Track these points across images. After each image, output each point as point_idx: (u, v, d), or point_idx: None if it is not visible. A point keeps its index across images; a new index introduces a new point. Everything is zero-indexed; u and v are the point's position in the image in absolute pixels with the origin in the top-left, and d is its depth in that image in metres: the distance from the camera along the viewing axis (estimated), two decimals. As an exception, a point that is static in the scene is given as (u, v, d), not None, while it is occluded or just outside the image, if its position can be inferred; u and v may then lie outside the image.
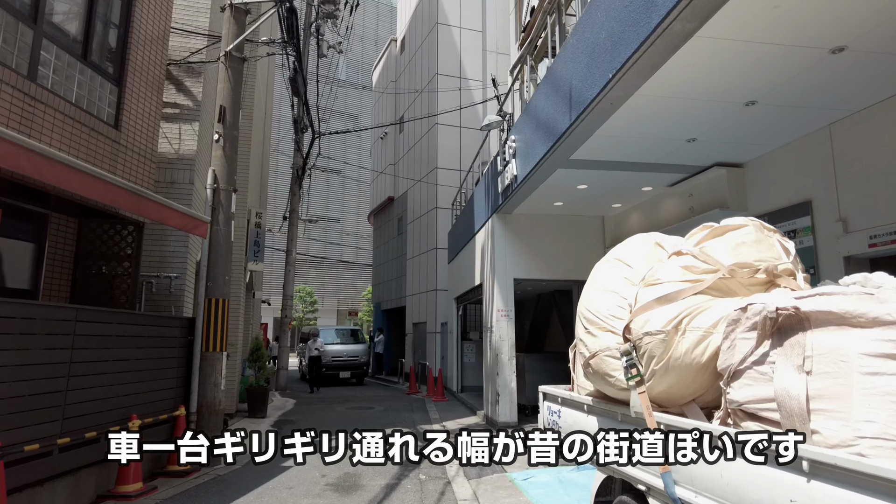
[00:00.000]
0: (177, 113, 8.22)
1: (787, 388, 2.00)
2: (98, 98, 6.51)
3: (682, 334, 2.74)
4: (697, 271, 3.01)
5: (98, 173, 4.91)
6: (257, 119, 12.99)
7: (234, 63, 7.51)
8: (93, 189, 4.70)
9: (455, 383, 15.00)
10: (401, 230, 21.83)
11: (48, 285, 6.46)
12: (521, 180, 7.81)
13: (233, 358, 10.84)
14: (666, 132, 5.88)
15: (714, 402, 2.74)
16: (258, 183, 14.29)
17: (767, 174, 6.44)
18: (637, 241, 3.63)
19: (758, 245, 3.11)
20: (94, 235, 7.08)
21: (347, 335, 21.29)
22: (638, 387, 2.86)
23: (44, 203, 6.38)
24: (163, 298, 7.61)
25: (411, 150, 20.95)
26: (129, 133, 6.95)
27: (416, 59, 21.00)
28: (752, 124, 5.61)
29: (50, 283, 6.51)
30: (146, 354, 6.08)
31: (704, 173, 7.10)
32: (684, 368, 2.72)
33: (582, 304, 3.42)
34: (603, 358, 3.09)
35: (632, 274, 3.36)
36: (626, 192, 8.35)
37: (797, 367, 2.02)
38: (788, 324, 2.12)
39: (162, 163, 7.96)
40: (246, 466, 6.71)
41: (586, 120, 5.52)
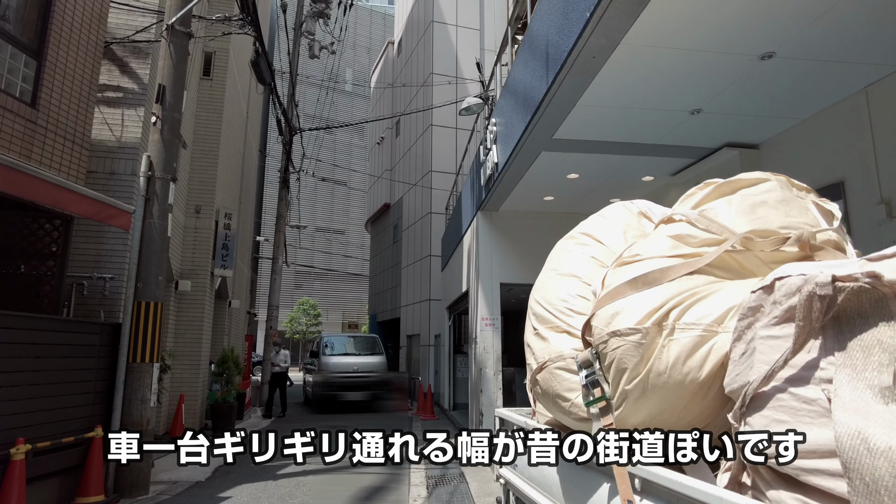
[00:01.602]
0: (119, 97, 7.37)
1: (865, 432, 1.00)
2: (8, 70, 5.67)
3: (670, 335, 1.74)
4: (695, 242, 2.02)
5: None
6: (232, 115, 12.19)
7: (176, 38, 6.65)
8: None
9: (447, 400, 13.93)
10: (396, 238, 20.91)
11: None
12: (502, 168, 6.85)
13: (195, 370, 9.91)
14: (664, 100, 4.90)
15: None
16: (235, 185, 13.46)
17: (788, 155, 5.42)
18: (614, 211, 2.65)
19: (785, 206, 2.12)
20: (14, 230, 6.21)
21: (362, 344, 15.97)
22: (603, 416, 1.86)
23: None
24: (96, 302, 6.70)
25: (407, 154, 20.10)
26: (51, 113, 6.09)
27: (413, 60, 20.23)
28: (769, 88, 4.61)
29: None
30: (48, 365, 5.14)
31: (713, 157, 6.09)
32: (672, 389, 1.73)
33: (532, 296, 2.43)
34: (553, 371, 2.09)
35: (603, 253, 2.37)
36: (624, 184, 7.33)
37: (882, 391, 1.03)
38: (857, 307, 1.14)
39: (100, 151, 7.09)
40: (175, 498, 5.73)
41: (566, 83, 4.55)
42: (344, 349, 15.30)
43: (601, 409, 1.87)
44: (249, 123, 15.98)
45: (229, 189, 12.34)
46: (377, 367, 14.58)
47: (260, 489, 5.97)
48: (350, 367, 14.21)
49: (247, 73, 13.97)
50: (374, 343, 15.89)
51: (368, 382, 14.02)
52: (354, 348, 15.53)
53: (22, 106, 5.76)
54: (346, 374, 13.96)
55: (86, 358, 5.67)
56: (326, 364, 14.20)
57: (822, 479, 1.08)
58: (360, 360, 14.67)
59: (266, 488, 6.00)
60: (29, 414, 4.87)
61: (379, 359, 14.90)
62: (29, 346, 4.98)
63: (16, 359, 4.83)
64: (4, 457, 4.49)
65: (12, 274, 6.21)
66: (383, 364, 14.85)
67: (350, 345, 15.74)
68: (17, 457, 4.52)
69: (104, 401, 5.85)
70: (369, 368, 14.39)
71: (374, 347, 15.56)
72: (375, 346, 15.67)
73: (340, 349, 15.26)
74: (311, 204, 50.62)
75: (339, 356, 14.71)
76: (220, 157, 10.83)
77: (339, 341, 15.95)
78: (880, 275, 1.08)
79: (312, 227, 49.88)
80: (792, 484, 1.16)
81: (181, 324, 9.80)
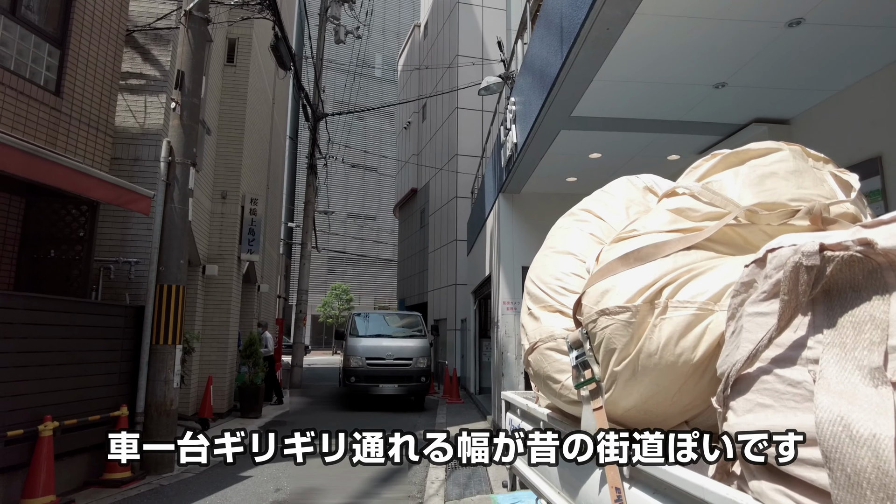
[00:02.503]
0: (142, 84, 7.47)
1: (848, 418, 0.90)
2: (32, 60, 5.79)
3: (662, 313, 1.64)
4: (696, 216, 1.90)
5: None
6: (257, 101, 12.27)
7: (194, 24, 6.69)
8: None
9: (473, 384, 13.94)
10: (423, 223, 20.88)
11: (-14, 270, 5.79)
12: (521, 148, 6.70)
13: (223, 353, 10.12)
14: (685, 74, 4.67)
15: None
16: (262, 170, 13.60)
17: (822, 129, 5.13)
18: (618, 186, 2.52)
19: (797, 177, 1.97)
20: (44, 216, 6.40)
21: (398, 323, 12.94)
22: (593, 399, 1.77)
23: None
24: (122, 286, 6.87)
25: (433, 139, 19.97)
26: (75, 102, 6.22)
27: (438, 43, 20.01)
28: (799, 58, 4.34)
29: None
30: (74, 346, 5.29)
31: (741, 133, 5.82)
32: (664, 371, 1.62)
33: (528, 275, 2.33)
34: (544, 352, 2.01)
35: (603, 229, 2.26)
36: (649, 164, 7.08)
37: (871, 372, 0.91)
38: (849, 279, 1.02)
39: (125, 138, 7.23)
40: (199, 476, 5.87)
41: (581, 57, 4.38)
42: (378, 329, 12.37)
43: (591, 392, 1.78)
44: (276, 109, 16.09)
45: (256, 174, 12.48)
46: (418, 353, 11.49)
47: (280, 469, 6.07)
48: (384, 352, 11.22)
49: (271, 58, 14.04)
50: (416, 322, 12.75)
51: (408, 372, 11.22)
52: (391, 328, 12.58)
53: (46, 94, 5.89)
54: (381, 362, 11.12)
55: (111, 339, 5.82)
56: (354, 349, 11.20)
57: (804, 469, 0.97)
58: (398, 344, 11.60)
59: (286, 468, 6.09)
60: (57, 392, 5.04)
61: (421, 343, 11.80)
62: (57, 327, 5.14)
63: (45, 339, 4.98)
64: (33, 433, 4.66)
65: (43, 258, 6.40)
66: (426, 349, 11.63)
67: (386, 323, 12.78)
68: (45, 433, 4.69)
69: (129, 381, 6.01)
70: (408, 354, 11.35)
71: (415, 327, 12.50)
72: (417, 325, 12.59)
73: (374, 329, 12.33)
74: (343, 190, 51.06)
75: (371, 338, 11.75)
76: (246, 142, 10.94)
77: (373, 320, 12.91)
78: (873, 242, 0.96)
79: (344, 213, 50.34)
80: (774, 474, 1.06)
81: (209, 307, 10.00)
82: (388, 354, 11.26)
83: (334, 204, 43.45)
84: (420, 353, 11.53)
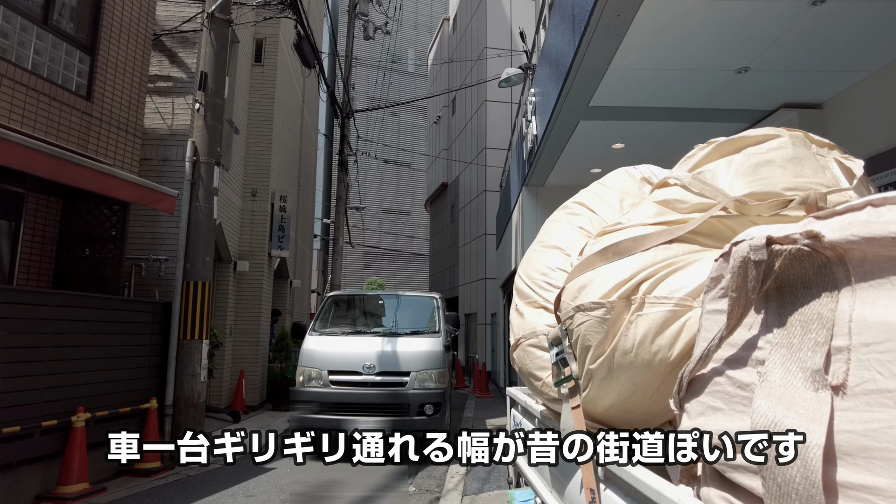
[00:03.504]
0: (169, 86, 7.70)
1: (781, 424, 0.84)
2: (63, 66, 6.02)
3: (638, 309, 1.58)
4: (684, 208, 1.82)
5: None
6: (286, 100, 12.46)
7: (217, 25, 6.82)
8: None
9: (502, 378, 13.89)
10: (453, 217, 20.87)
11: (27, 268, 6.07)
12: (541, 139, 6.60)
13: (255, 347, 10.37)
14: (704, 59, 4.50)
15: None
16: (292, 167, 13.82)
17: (856, 113, 4.87)
18: (614, 178, 2.45)
19: (796, 165, 1.86)
20: (79, 216, 6.67)
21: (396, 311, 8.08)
22: (571, 397, 1.73)
23: (20, 182, 5.98)
24: (153, 283, 7.12)
25: (462, 132, 19.91)
26: (105, 105, 6.44)
27: (467, 35, 19.89)
28: (826, 38, 4.12)
29: (29, 266, 6.11)
30: (105, 341, 5.50)
31: (769, 119, 5.59)
32: (640, 369, 1.57)
33: (517, 271, 2.29)
34: (526, 349, 1.97)
35: (594, 223, 2.20)
36: (675, 153, 6.83)
37: (813, 374, 0.85)
38: (800, 275, 0.95)
39: (153, 139, 7.47)
40: (224, 468, 6.04)
41: (594, 45, 4.27)
42: (359, 321, 7.81)
43: (570, 390, 1.74)
44: (307, 107, 16.31)
45: (286, 172, 12.69)
46: (425, 362, 6.67)
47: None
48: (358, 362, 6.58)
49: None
50: (426, 310, 7.82)
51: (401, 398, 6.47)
52: (382, 319, 7.99)
53: (78, 99, 6.12)
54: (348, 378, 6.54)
55: (140, 335, 6.03)
56: (310, 356, 6.75)
57: (744, 476, 0.91)
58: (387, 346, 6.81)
59: (308, 462, 6.19)
60: (89, 385, 5.25)
61: (430, 345, 6.88)
62: (89, 323, 5.36)
63: (78, 335, 5.20)
64: (66, 424, 4.88)
65: (79, 257, 6.67)
66: (438, 357, 6.79)
67: (375, 310, 8.28)
68: (77, 424, 4.90)
69: (158, 375, 6.22)
70: (407, 364, 6.60)
71: (425, 319, 7.59)
72: (428, 316, 7.65)
73: (351, 321, 7.76)
74: (377, 186, 51.46)
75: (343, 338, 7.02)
76: (274, 140, 11.13)
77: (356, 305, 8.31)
78: (820, 234, 0.89)
79: (379, 209, 50.74)
80: (722, 482, 1.00)
81: (240, 303, 10.25)
82: (367, 366, 6.50)
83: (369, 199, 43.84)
84: (427, 363, 6.63)
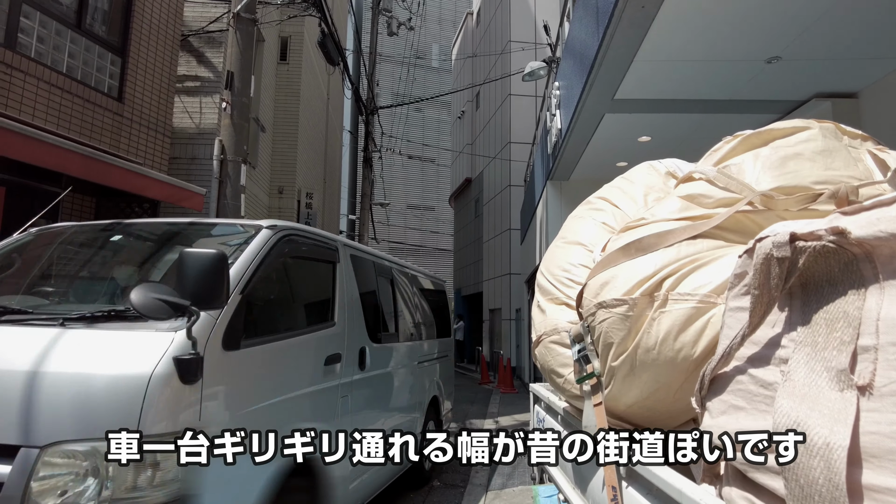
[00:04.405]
0: (197, 86, 7.85)
1: (805, 424, 0.82)
2: (96, 68, 6.18)
3: (661, 306, 1.56)
4: (709, 203, 1.79)
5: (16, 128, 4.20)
6: (311, 97, 12.59)
7: (242, 25, 6.90)
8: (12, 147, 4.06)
9: (527, 374, 13.84)
10: (478, 212, 20.83)
11: (62, 266, 6.28)
12: (565, 133, 6.54)
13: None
14: (732, 49, 4.40)
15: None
16: (318, 164, 13.96)
17: (894, 103, 4.70)
18: (638, 173, 2.42)
19: (825, 158, 1.82)
20: (111, 215, 6.86)
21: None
22: (594, 394, 1.72)
23: (56, 182, 6.19)
24: (184, 279, 7.28)
25: (486, 127, 19.83)
26: (135, 106, 6.60)
27: (491, 29, 19.78)
28: (861, 24, 3.98)
29: (65, 264, 6.32)
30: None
31: (802, 110, 5.43)
32: (663, 367, 1.55)
33: (539, 267, 2.28)
34: (548, 346, 1.96)
35: (617, 218, 2.18)
36: (704, 146, 6.70)
37: (838, 374, 0.84)
38: (825, 272, 0.93)
39: (182, 138, 7.63)
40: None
41: (618, 36, 4.21)
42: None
43: (592, 387, 1.73)
44: (332, 104, 16.45)
45: (311, 169, 12.84)
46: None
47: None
48: None
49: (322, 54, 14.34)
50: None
51: None
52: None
53: (110, 101, 6.28)
54: None
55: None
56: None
57: (767, 476, 0.90)
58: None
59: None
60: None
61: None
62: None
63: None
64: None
65: (113, 254, 6.87)
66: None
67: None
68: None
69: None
70: None
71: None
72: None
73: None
74: (403, 181, 51.62)
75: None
76: (300, 138, 11.26)
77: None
78: (846, 231, 0.87)
79: (404, 204, 50.92)
80: (744, 482, 0.99)
81: (268, 298, 10.41)
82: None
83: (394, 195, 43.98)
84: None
